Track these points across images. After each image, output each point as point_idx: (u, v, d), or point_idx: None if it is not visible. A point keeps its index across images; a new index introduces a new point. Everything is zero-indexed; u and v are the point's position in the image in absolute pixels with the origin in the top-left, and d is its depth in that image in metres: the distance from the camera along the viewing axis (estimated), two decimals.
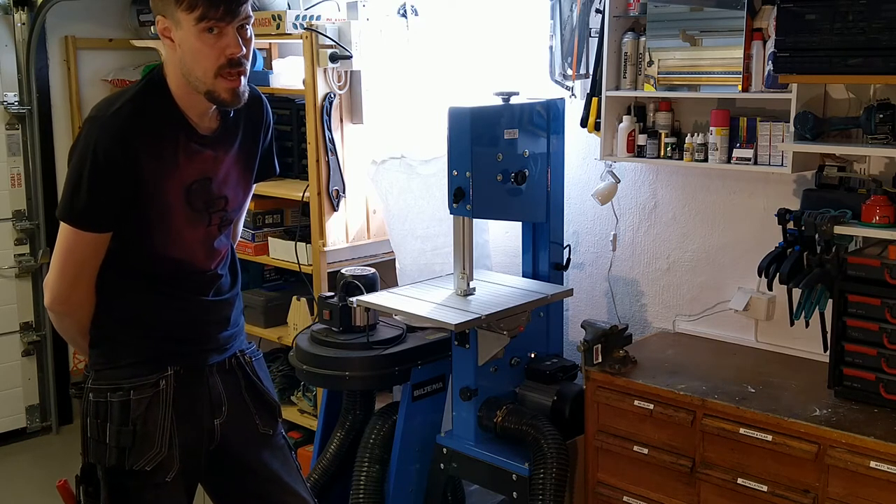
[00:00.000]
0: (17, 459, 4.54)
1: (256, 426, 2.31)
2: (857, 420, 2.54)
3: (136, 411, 2.11)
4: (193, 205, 2.12)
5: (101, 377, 2.16)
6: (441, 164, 3.15)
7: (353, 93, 3.61)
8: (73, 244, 2.05)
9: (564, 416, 3.02)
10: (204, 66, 1.98)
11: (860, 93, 2.80)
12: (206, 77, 1.99)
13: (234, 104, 2.05)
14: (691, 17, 2.98)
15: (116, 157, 1.98)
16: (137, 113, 2.01)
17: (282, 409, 2.41)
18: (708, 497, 2.77)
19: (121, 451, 2.10)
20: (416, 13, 3.64)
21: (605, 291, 3.60)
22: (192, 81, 2.01)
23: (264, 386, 2.36)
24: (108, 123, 1.99)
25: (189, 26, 1.95)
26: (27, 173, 4.66)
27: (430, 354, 3.14)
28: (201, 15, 1.94)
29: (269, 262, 3.99)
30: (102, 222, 2.04)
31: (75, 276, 2.09)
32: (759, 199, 3.13)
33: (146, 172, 2.02)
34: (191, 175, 2.10)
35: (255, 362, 2.35)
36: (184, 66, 2.01)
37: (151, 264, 2.14)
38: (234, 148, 2.18)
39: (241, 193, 2.26)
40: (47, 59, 4.64)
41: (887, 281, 2.56)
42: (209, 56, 1.97)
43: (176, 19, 1.97)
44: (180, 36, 1.98)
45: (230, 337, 2.28)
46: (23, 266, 4.66)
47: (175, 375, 2.15)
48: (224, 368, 2.27)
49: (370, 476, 3.11)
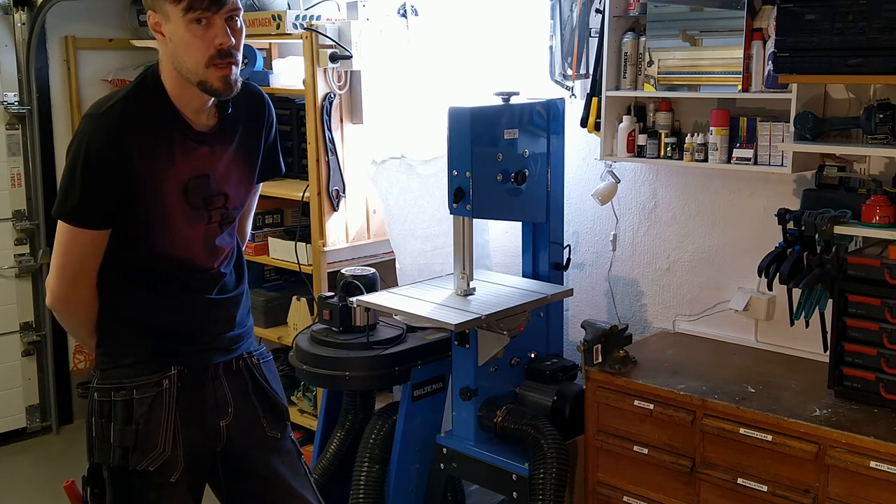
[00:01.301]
0: (17, 459, 4.54)
1: (263, 429, 2.30)
2: (856, 420, 2.54)
3: (138, 411, 2.11)
4: (192, 202, 2.11)
5: (105, 377, 2.16)
6: (441, 164, 3.15)
7: (353, 93, 3.62)
8: (70, 242, 2.06)
9: (564, 416, 3.02)
10: (195, 58, 1.99)
11: (860, 93, 2.80)
12: (198, 68, 2.00)
13: (227, 93, 2.05)
14: (691, 17, 2.98)
15: (108, 155, 1.98)
16: (131, 111, 2.02)
17: (288, 413, 2.40)
18: (708, 497, 2.77)
19: (124, 451, 2.10)
20: (416, 13, 3.65)
21: (605, 291, 3.60)
22: (185, 73, 2.02)
23: (272, 389, 2.35)
24: (100, 121, 2.00)
25: (177, 18, 1.97)
26: (27, 173, 4.66)
27: (430, 354, 3.14)
28: (188, 6, 1.95)
29: (269, 262, 3.99)
30: (97, 219, 2.04)
31: (74, 274, 2.09)
32: (759, 199, 3.13)
33: (140, 170, 2.02)
34: (187, 172, 2.09)
35: (264, 364, 2.35)
36: (175, 58, 2.02)
37: (152, 263, 2.14)
38: (234, 145, 2.18)
39: (243, 191, 2.25)
40: (47, 59, 4.64)
41: (887, 281, 2.56)
42: (199, 47, 1.98)
43: (165, 13, 1.99)
44: (170, 29, 1.99)
45: (237, 337, 2.27)
46: (23, 266, 4.65)
47: (179, 375, 2.15)
48: (231, 369, 2.26)
49: (370, 476, 3.11)
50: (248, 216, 2.44)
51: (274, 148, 2.34)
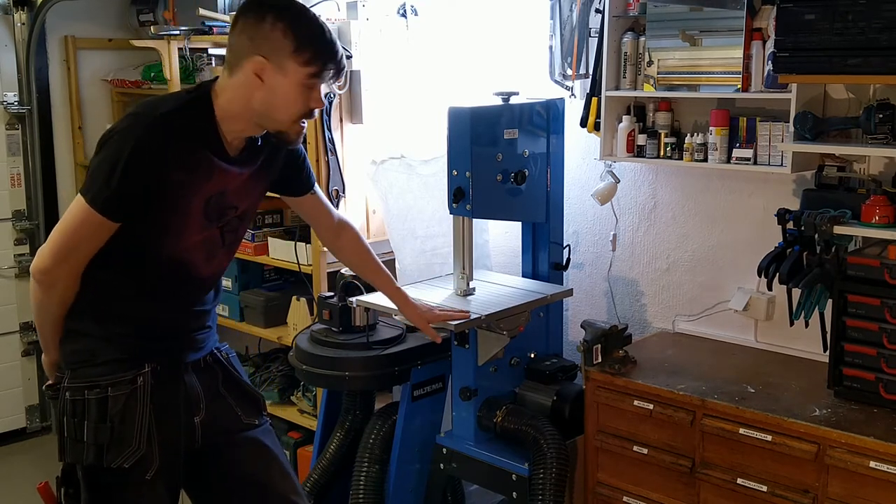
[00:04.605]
0: (17, 459, 4.54)
1: (239, 417, 2.32)
2: (856, 420, 2.54)
3: (113, 408, 2.11)
4: (209, 214, 2.16)
5: (77, 375, 2.15)
6: (441, 164, 3.15)
7: (353, 93, 3.61)
8: (79, 222, 2.06)
9: (564, 416, 3.02)
10: (289, 113, 2.08)
11: (860, 93, 2.81)
12: (286, 122, 2.10)
13: (295, 145, 2.18)
14: (691, 17, 2.98)
15: (149, 161, 2.01)
16: (178, 125, 2.06)
17: (269, 406, 2.41)
18: (708, 497, 2.77)
19: (98, 449, 2.10)
20: (415, 13, 3.64)
21: (604, 291, 3.60)
22: (264, 121, 2.11)
23: (243, 379, 2.39)
24: (151, 126, 2.02)
25: (295, 76, 2.04)
26: (27, 173, 4.66)
27: (429, 354, 3.14)
28: (315, 73, 2.05)
29: (268, 262, 3.99)
30: (118, 212, 2.05)
31: (68, 252, 2.09)
32: (758, 199, 3.13)
33: (173, 183, 2.06)
34: (213, 188, 2.15)
35: (232, 358, 2.39)
36: (263, 104, 2.08)
37: (154, 264, 2.15)
38: (255, 166, 2.24)
39: (250, 204, 2.30)
40: (47, 59, 4.65)
41: (887, 281, 2.55)
42: (299, 106, 2.08)
43: (281, 66, 2.04)
44: (278, 81, 2.05)
45: (205, 337, 2.31)
46: (23, 266, 4.65)
47: (152, 372, 2.15)
48: (199, 367, 2.28)
49: (370, 476, 3.11)
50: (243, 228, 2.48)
51: (296, 168, 2.41)
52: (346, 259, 2.76)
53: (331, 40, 2.08)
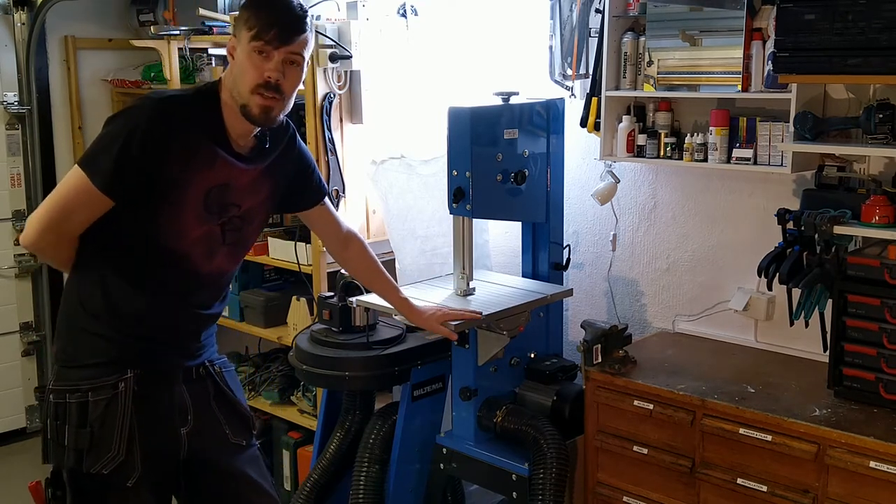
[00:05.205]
0: (17, 459, 4.54)
1: (227, 435, 2.31)
2: (856, 420, 2.54)
3: (93, 413, 2.11)
4: (208, 206, 2.18)
5: (62, 377, 2.16)
6: (441, 164, 3.15)
7: (353, 93, 3.61)
8: (73, 191, 2.09)
9: (564, 416, 3.02)
10: (246, 82, 2.11)
11: (860, 93, 2.80)
12: (245, 91, 2.12)
13: (263, 122, 2.16)
14: (691, 17, 2.98)
15: (150, 142, 2.05)
16: (185, 112, 2.13)
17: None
18: (708, 497, 2.77)
19: (78, 454, 2.11)
20: (415, 13, 3.64)
21: (604, 291, 3.60)
22: (234, 95, 2.14)
23: (235, 396, 2.37)
24: (157, 108, 2.09)
25: (245, 44, 2.11)
26: (27, 173, 4.66)
27: (429, 354, 3.14)
28: (255, 35, 2.09)
29: (268, 262, 3.98)
30: (112, 185, 2.06)
31: (56, 222, 2.10)
32: (758, 199, 3.13)
33: (173, 169, 2.09)
34: (214, 180, 2.16)
35: (226, 373, 2.37)
36: (230, 79, 2.15)
37: (150, 253, 2.15)
38: (263, 167, 2.27)
39: (257, 207, 2.30)
40: (47, 59, 4.65)
41: (887, 281, 2.55)
42: (252, 74, 2.11)
43: (239, 37, 2.13)
44: (238, 52, 2.14)
45: (200, 347, 2.30)
46: (23, 266, 4.66)
47: (135, 378, 2.15)
48: (191, 377, 2.27)
49: (370, 476, 3.11)
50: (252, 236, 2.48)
51: (304, 181, 2.44)
52: (354, 270, 2.79)
53: (277, 5, 2.12)
